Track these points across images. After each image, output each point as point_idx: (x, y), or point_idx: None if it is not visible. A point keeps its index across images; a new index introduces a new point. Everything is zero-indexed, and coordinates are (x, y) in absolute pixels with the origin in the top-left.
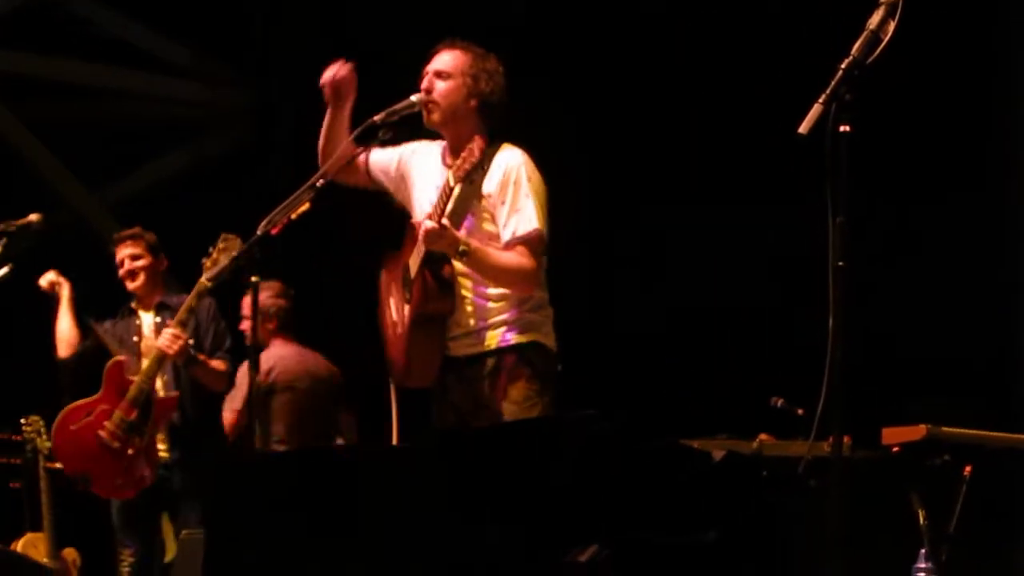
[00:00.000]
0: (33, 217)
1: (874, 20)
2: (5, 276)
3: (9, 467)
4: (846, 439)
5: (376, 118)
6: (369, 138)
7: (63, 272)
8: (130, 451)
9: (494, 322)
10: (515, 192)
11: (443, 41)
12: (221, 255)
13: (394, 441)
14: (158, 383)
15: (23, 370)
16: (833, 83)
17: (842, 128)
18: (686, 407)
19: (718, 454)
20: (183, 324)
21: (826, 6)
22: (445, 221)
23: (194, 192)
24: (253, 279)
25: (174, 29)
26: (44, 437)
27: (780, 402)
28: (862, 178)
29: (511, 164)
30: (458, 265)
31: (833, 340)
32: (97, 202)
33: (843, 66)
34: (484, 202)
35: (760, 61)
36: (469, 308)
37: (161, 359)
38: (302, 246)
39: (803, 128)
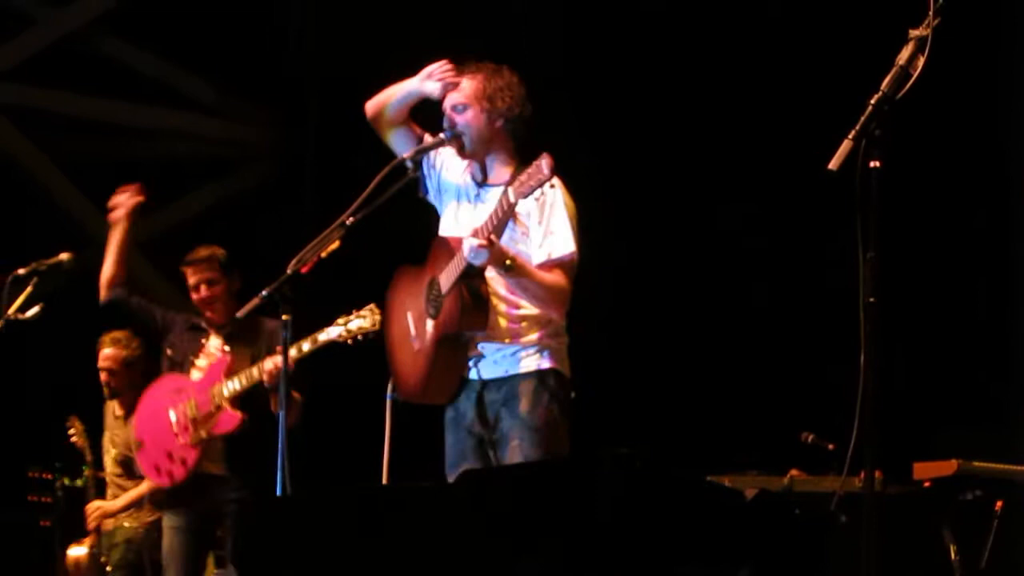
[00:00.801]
0: (63, 256)
1: (903, 55)
2: (36, 315)
3: (41, 505)
4: (877, 474)
5: (405, 155)
6: (398, 175)
7: (89, 312)
8: (181, 441)
9: (516, 346)
10: (551, 214)
11: (458, 64)
12: None
13: (386, 457)
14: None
15: (50, 414)
16: (863, 119)
17: (872, 164)
18: (716, 442)
19: (750, 492)
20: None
21: (856, 42)
22: (493, 237)
23: (222, 229)
24: (284, 317)
25: (201, 67)
26: (85, 441)
27: (811, 437)
28: (891, 211)
29: (547, 186)
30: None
31: (864, 375)
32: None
33: (873, 102)
34: (518, 221)
35: (790, 97)
36: (493, 330)
37: (254, 385)
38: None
39: (833, 164)
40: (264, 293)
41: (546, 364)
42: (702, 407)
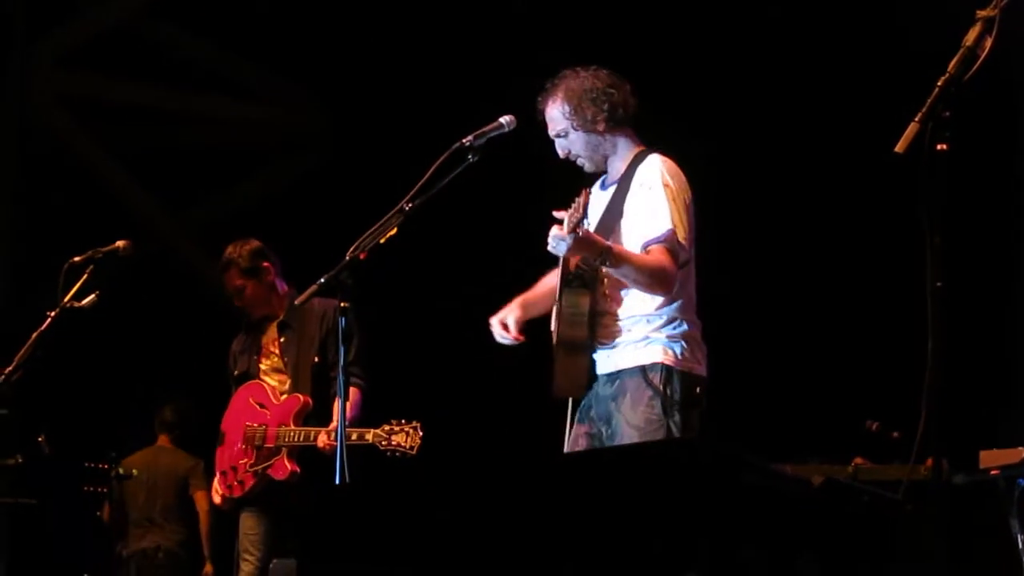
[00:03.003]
0: (119, 244)
1: (970, 37)
2: (91, 303)
3: (98, 495)
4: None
5: (465, 140)
6: (458, 160)
7: (149, 294)
8: (243, 460)
9: (621, 342)
10: (649, 196)
11: (538, 97)
12: None
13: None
14: (277, 382)
15: (106, 404)
16: (930, 101)
17: (939, 147)
18: (779, 430)
19: (817, 480)
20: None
21: (924, 26)
22: (578, 228)
23: (275, 215)
24: (342, 304)
25: (253, 54)
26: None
27: (876, 425)
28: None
29: (646, 173)
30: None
31: (932, 362)
32: (179, 227)
33: (940, 84)
34: (624, 220)
35: (855, 79)
36: (604, 329)
37: (310, 444)
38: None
39: (900, 147)
40: (322, 280)
41: (649, 359)
42: (765, 394)
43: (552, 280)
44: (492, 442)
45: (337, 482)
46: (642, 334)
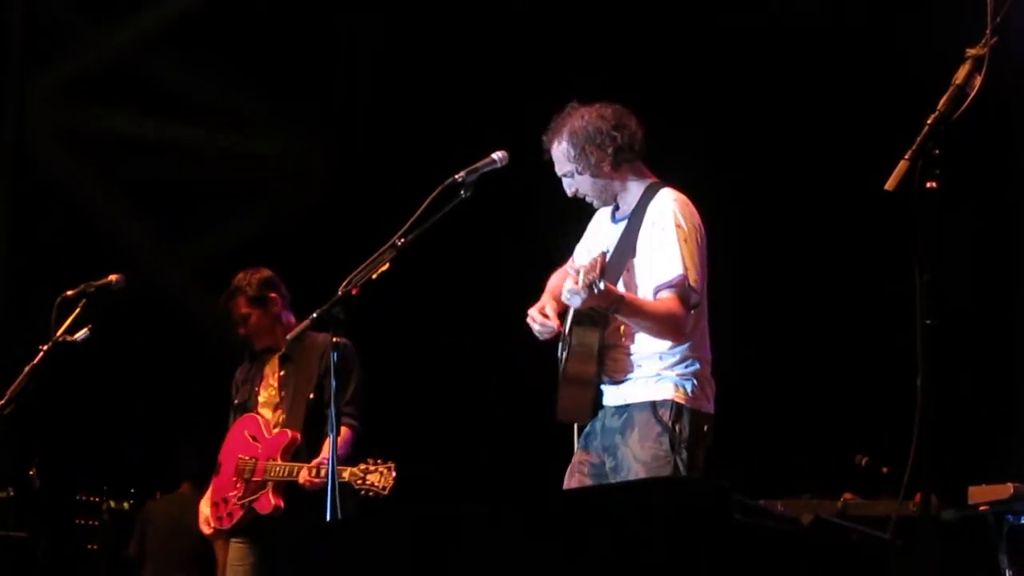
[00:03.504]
0: (112, 277)
1: (960, 75)
2: (85, 337)
3: (87, 528)
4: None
5: (458, 176)
6: (451, 195)
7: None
8: (233, 493)
9: (632, 377)
10: (660, 238)
11: (543, 135)
12: None
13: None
14: (272, 415)
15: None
16: (919, 139)
17: (929, 184)
18: (769, 465)
19: (806, 518)
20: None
21: (914, 64)
22: (598, 283)
23: (273, 250)
24: (335, 340)
25: (252, 88)
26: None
27: (865, 460)
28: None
29: (657, 211)
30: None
31: (921, 398)
32: (175, 261)
33: (929, 121)
34: (636, 259)
35: (845, 117)
36: (614, 363)
37: (291, 480)
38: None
39: (890, 184)
40: (315, 315)
41: (660, 395)
42: (756, 429)
43: (559, 281)
44: (487, 475)
45: (328, 518)
46: (654, 370)
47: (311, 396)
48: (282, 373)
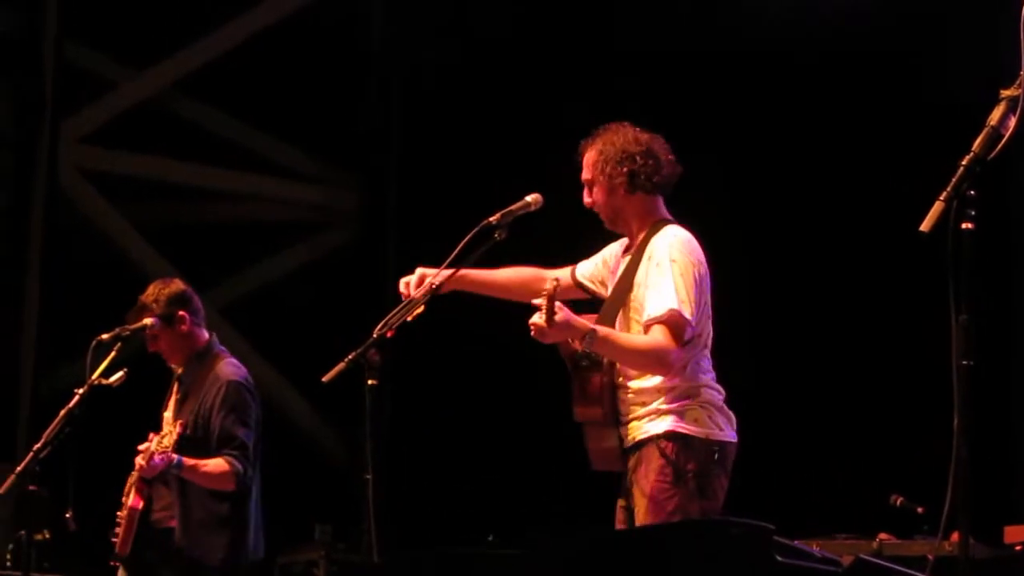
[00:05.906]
0: (148, 321)
1: (995, 116)
2: (120, 380)
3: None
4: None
5: (492, 219)
6: (485, 238)
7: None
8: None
9: (637, 414)
10: (655, 272)
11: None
12: None
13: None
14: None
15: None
16: (954, 180)
17: (964, 225)
18: (804, 506)
19: (847, 559)
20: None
21: (948, 104)
22: (557, 314)
23: (301, 292)
24: (370, 383)
25: (281, 130)
26: None
27: (900, 500)
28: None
29: (656, 246)
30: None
31: (958, 439)
32: (208, 302)
33: (964, 163)
34: (632, 293)
35: (881, 159)
36: (620, 403)
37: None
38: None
39: (925, 226)
40: (350, 357)
41: (661, 429)
42: (790, 469)
43: (515, 273)
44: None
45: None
46: (656, 406)
47: (187, 431)
48: (178, 397)
